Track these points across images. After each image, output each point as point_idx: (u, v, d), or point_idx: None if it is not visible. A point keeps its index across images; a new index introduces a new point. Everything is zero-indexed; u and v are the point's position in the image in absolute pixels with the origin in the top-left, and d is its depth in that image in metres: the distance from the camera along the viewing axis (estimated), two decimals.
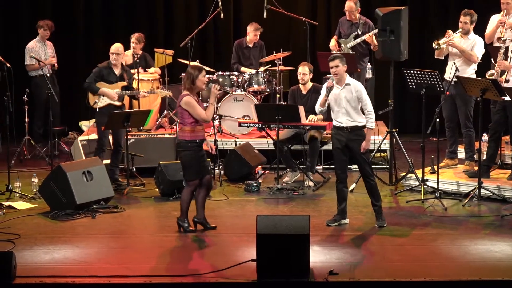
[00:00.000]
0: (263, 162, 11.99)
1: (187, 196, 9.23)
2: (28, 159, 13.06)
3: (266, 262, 7.64)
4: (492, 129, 10.87)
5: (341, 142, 9.39)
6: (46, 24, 13.45)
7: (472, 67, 11.07)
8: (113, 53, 11.21)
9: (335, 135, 9.48)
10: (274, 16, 13.93)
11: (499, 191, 10.45)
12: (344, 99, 9.38)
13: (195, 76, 9.13)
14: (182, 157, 9.22)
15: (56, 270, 7.96)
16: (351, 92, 9.38)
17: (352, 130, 9.36)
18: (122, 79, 11.30)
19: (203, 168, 9.19)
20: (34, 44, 13.43)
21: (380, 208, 9.49)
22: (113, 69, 11.23)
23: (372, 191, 9.50)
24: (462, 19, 11.09)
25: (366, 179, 9.48)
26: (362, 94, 9.40)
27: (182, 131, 9.19)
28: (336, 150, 9.47)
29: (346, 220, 9.53)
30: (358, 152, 9.36)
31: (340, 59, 9.39)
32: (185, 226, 9.23)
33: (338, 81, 9.45)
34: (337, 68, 9.38)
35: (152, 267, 8.13)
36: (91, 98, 11.18)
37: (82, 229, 9.42)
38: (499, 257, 8.31)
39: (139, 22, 14.94)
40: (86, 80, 11.23)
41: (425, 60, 13.77)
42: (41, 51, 13.41)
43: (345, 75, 9.46)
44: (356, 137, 9.35)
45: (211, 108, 9.20)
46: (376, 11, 11.40)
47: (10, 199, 10.64)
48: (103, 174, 10.38)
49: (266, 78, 13.19)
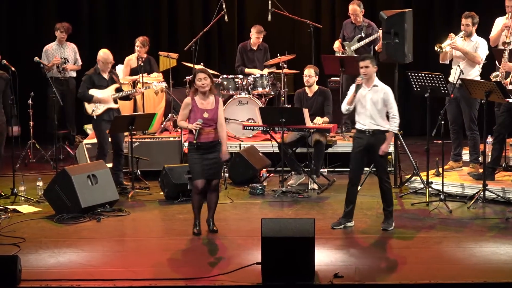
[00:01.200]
0: (268, 165, 11.98)
1: (193, 198, 9.25)
2: (32, 162, 13.07)
3: (271, 265, 7.64)
4: (496, 131, 10.86)
5: (362, 145, 9.35)
6: (62, 26, 13.58)
7: (476, 69, 11.06)
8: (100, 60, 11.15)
9: (356, 138, 9.42)
10: (279, 19, 13.93)
11: (504, 193, 10.44)
12: (370, 100, 9.30)
13: (192, 78, 9.23)
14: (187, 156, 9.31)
15: (61, 273, 7.97)
16: (378, 94, 9.33)
17: (374, 133, 9.29)
18: (113, 81, 11.29)
19: (204, 171, 9.14)
20: (50, 47, 13.59)
21: (391, 213, 9.46)
22: (102, 74, 11.20)
23: (385, 196, 9.46)
24: (464, 21, 11.08)
25: (381, 183, 9.44)
26: (389, 96, 9.32)
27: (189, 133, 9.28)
28: (355, 153, 9.42)
29: (351, 222, 9.51)
30: (377, 157, 9.32)
31: (371, 60, 9.33)
32: (194, 229, 9.24)
33: (366, 82, 9.37)
34: (367, 69, 9.29)
35: (157, 270, 8.13)
36: (88, 106, 11.15)
37: (87, 232, 9.43)
38: (504, 259, 8.30)
39: (143, 26, 14.94)
40: (79, 90, 11.22)
41: (429, 62, 13.76)
42: (58, 53, 13.52)
43: (374, 76, 9.38)
44: (378, 142, 9.29)
45: (183, 124, 9.28)
46: (381, 14, 11.39)
47: (15, 202, 10.65)
48: (108, 177, 10.38)
49: (271, 81, 13.19)
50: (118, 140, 11.18)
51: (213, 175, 9.21)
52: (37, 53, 13.33)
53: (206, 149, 9.13)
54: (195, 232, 9.22)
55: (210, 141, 9.16)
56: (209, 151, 9.14)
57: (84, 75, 11.25)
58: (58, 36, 13.61)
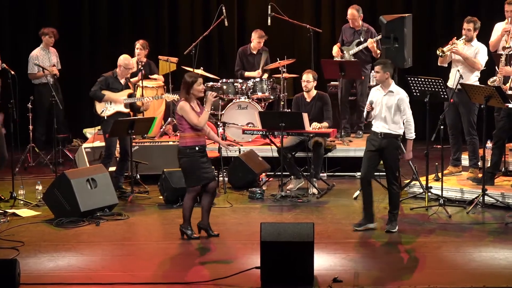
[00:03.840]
0: (267, 169, 11.98)
1: (188, 203, 9.24)
2: (32, 166, 13.07)
3: (270, 269, 7.64)
4: (496, 136, 10.86)
5: (374, 146, 9.44)
6: (51, 31, 13.46)
7: (475, 74, 11.06)
8: (121, 65, 11.20)
9: (370, 139, 9.54)
10: (278, 23, 13.94)
11: (503, 198, 10.44)
12: (385, 105, 9.43)
13: (190, 85, 9.15)
14: (182, 164, 9.22)
15: (60, 277, 7.97)
16: (393, 99, 9.42)
17: (386, 137, 9.39)
18: (127, 87, 11.32)
19: (204, 174, 9.17)
20: (38, 52, 13.44)
21: (394, 216, 9.52)
22: (118, 79, 11.25)
23: (392, 199, 9.54)
24: (466, 26, 11.09)
25: (389, 186, 9.53)
26: (403, 102, 9.42)
27: (182, 138, 9.21)
28: (367, 153, 9.50)
29: (373, 224, 9.54)
30: (389, 160, 9.43)
31: (382, 66, 9.45)
32: (189, 233, 9.23)
33: (382, 86, 9.52)
34: (377, 74, 9.46)
35: (156, 274, 8.14)
36: (98, 106, 11.17)
37: (86, 236, 9.43)
38: (503, 265, 8.30)
39: (143, 30, 14.95)
40: (92, 88, 11.23)
41: (429, 67, 13.77)
42: (45, 59, 13.41)
43: (389, 81, 9.49)
44: (389, 145, 9.39)
45: (205, 115, 9.16)
46: (380, 19, 11.41)
47: (14, 206, 10.64)
48: (107, 181, 10.38)
49: (270, 85, 13.19)
50: (125, 145, 11.16)
51: (211, 178, 9.23)
52: None
53: (203, 152, 9.17)
54: (194, 236, 9.21)
55: (205, 144, 9.25)
56: (204, 154, 9.19)
57: (101, 76, 11.28)
58: (46, 41, 13.45)
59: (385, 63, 9.54)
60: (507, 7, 11.62)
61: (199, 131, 9.14)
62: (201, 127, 9.14)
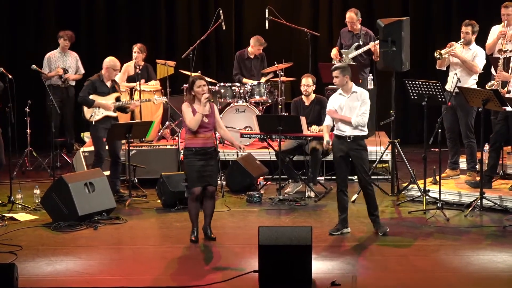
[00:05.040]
0: (265, 173, 11.99)
1: (190, 205, 9.25)
2: (30, 170, 13.07)
3: (268, 273, 7.64)
4: (493, 139, 10.86)
5: (343, 151, 9.40)
6: (66, 34, 13.56)
7: (473, 78, 11.07)
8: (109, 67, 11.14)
9: (337, 144, 9.48)
10: (276, 27, 13.95)
11: (501, 201, 10.45)
12: (350, 108, 9.41)
13: (190, 86, 9.22)
14: (184, 163, 9.26)
15: (58, 281, 7.96)
16: (357, 100, 9.41)
17: (355, 139, 9.37)
18: (114, 90, 11.29)
19: (201, 177, 9.14)
20: (52, 54, 13.56)
21: (378, 217, 9.53)
22: (104, 82, 11.20)
23: (369, 200, 9.53)
24: (464, 29, 11.10)
25: (364, 188, 9.53)
26: (366, 97, 9.44)
27: (185, 138, 9.26)
28: (337, 159, 9.49)
29: (348, 229, 9.54)
30: (359, 162, 9.40)
31: (340, 70, 9.45)
32: (191, 236, 9.25)
33: (343, 90, 9.49)
34: (336, 79, 9.47)
35: (155, 278, 8.13)
36: (87, 111, 11.12)
37: (84, 240, 9.42)
38: (501, 268, 8.30)
39: (141, 34, 14.96)
40: (80, 94, 11.16)
41: (426, 70, 13.78)
42: (59, 61, 13.50)
43: (349, 84, 9.47)
44: (358, 147, 9.38)
45: (197, 117, 9.14)
46: (378, 22, 11.41)
47: (12, 210, 10.64)
48: (105, 185, 10.38)
49: (268, 89, 13.19)
50: (115, 148, 11.16)
51: (210, 181, 9.21)
52: (36, 60, 13.35)
53: (203, 155, 9.14)
54: (192, 239, 9.22)
55: (208, 147, 9.19)
56: (206, 157, 9.16)
57: (87, 80, 11.23)
58: (61, 44, 13.58)
59: (343, 67, 9.56)
60: (503, 10, 11.65)
61: (198, 132, 9.13)
62: (192, 129, 9.12)
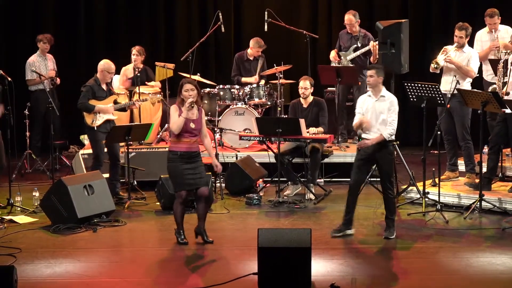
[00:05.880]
0: (264, 175, 11.98)
1: (175, 208, 9.22)
2: (29, 173, 13.06)
3: (267, 275, 7.63)
4: (492, 141, 10.87)
5: (367, 153, 9.38)
6: (46, 37, 13.45)
7: (467, 81, 11.06)
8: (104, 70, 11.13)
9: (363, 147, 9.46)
10: (275, 29, 13.95)
11: (500, 203, 10.45)
12: (376, 111, 9.40)
13: (179, 89, 9.21)
14: (167, 168, 9.26)
15: (57, 284, 7.96)
16: (384, 104, 9.40)
17: (380, 143, 9.35)
18: (110, 92, 11.29)
19: (186, 181, 9.09)
20: (35, 59, 13.44)
21: (393, 221, 9.50)
22: (101, 85, 11.19)
23: (388, 204, 9.50)
24: (458, 33, 11.09)
25: (385, 191, 9.49)
26: (392, 105, 9.40)
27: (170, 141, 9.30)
28: (358, 161, 9.46)
29: (351, 230, 9.53)
30: (383, 166, 9.39)
31: (376, 70, 9.43)
32: (178, 239, 9.25)
33: (373, 92, 9.48)
34: (371, 78, 9.42)
35: (154, 280, 8.13)
36: (88, 117, 11.09)
37: (84, 243, 9.42)
38: (501, 270, 8.30)
39: (140, 36, 14.95)
40: (79, 100, 11.12)
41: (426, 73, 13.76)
42: (42, 65, 13.42)
43: (380, 87, 9.46)
44: (382, 151, 9.35)
45: (178, 121, 9.08)
46: (377, 24, 11.41)
47: (11, 213, 10.63)
48: (104, 187, 10.38)
49: (267, 91, 13.20)
50: (114, 150, 11.16)
51: (199, 184, 9.18)
52: None
53: (188, 158, 9.13)
54: (183, 241, 9.20)
55: (193, 151, 9.18)
56: (191, 160, 9.15)
57: (84, 85, 11.17)
58: (41, 47, 13.45)
59: (379, 67, 9.54)
60: (489, 20, 11.71)
61: (183, 137, 9.10)
62: (173, 132, 9.10)
